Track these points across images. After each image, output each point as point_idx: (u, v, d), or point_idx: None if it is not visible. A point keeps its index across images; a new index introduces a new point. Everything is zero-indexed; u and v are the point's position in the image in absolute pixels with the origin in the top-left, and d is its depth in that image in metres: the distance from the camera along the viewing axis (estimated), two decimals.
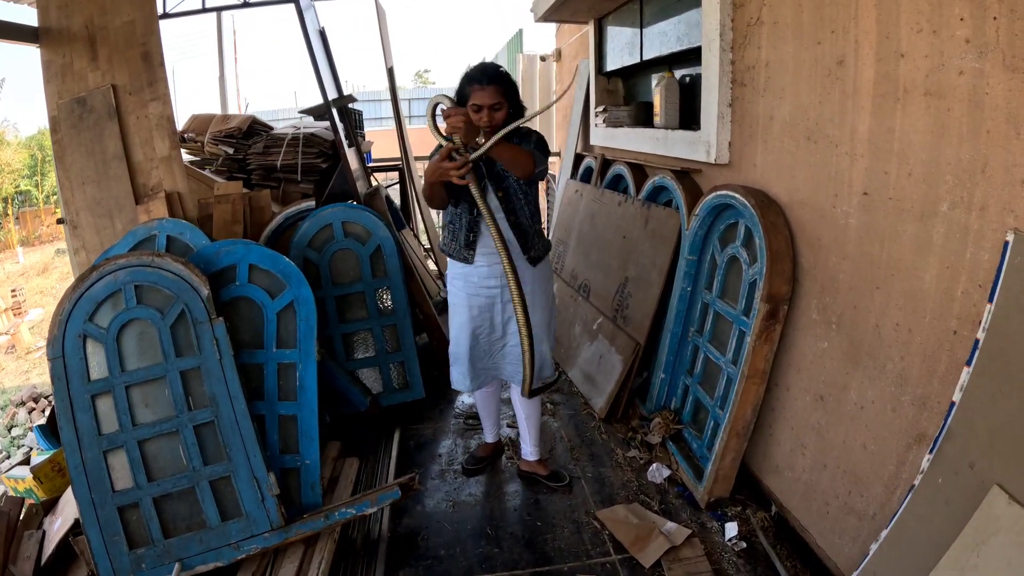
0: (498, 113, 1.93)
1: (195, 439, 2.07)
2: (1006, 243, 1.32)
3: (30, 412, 5.54)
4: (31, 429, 5.18)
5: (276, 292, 2.25)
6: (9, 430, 5.41)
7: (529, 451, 2.46)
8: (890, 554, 1.57)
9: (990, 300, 1.34)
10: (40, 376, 7.22)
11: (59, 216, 2.92)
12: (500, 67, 1.99)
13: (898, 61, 1.59)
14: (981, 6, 1.34)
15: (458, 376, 2.30)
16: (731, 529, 2.17)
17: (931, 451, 1.47)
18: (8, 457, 4.85)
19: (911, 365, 1.64)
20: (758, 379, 2.10)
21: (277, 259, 2.26)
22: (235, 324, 2.22)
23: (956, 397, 1.41)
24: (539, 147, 2.04)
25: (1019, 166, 1.30)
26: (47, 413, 3.25)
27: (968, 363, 1.39)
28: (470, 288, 2.18)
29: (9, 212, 14.90)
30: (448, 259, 2.23)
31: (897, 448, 1.69)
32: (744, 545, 2.10)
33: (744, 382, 2.09)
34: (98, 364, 2.09)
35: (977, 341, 1.37)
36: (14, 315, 8.54)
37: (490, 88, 1.91)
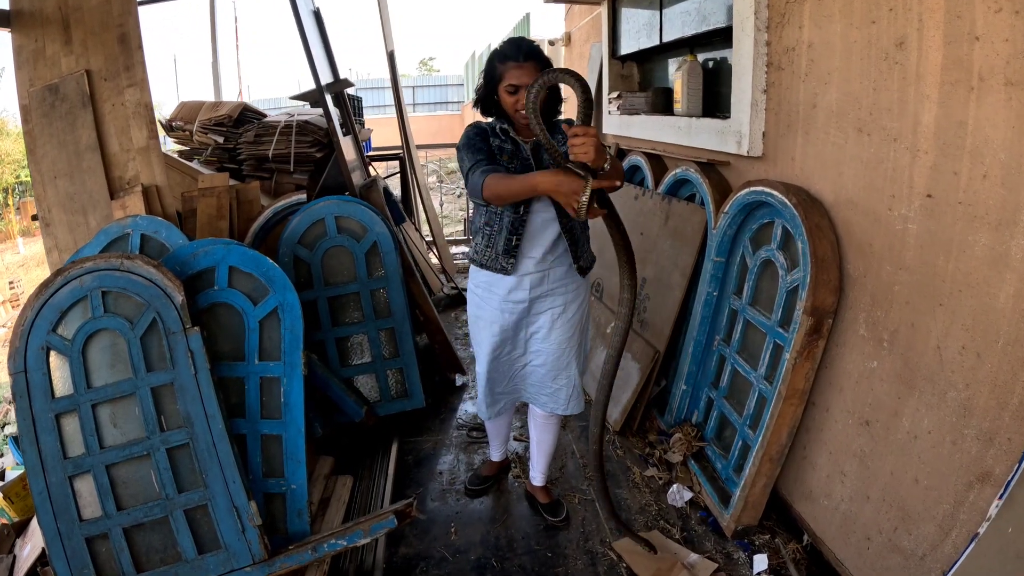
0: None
1: (168, 463, 1.87)
2: None
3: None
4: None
5: (258, 298, 2.04)
6: (2, 427, 5.26)
7: (536, 476, 2.24)
8: None
9: None
10: None
11: (34, 213, 2.72)
12: (533, 41, 1.75)
13: (972, 44, 1.35)
14: None
15: (481, 405, 2.09)
16: (760, 562, 1.97)
17: (1001, 496, 1.28)
18: (1, 456, 4.70)
19: (977, 395, 1.43)
20: (797, 400, 1.88)
21: (260, 261, 2.04)
22: (213, 333, 2.02)
23: None
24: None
25: None
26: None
27: None
28: (495, 301, 1.91)
29: (10, 202, 14.72)
30: (473, 268, 1.98)
31: (955, 486, 1.49)
32: None
33: (781, 403, 1.87)
34: (63, 379, 1.89)
35: None
36: (12, 307, 8.40)
37: (528, 65, 1.68)
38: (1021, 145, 1.27)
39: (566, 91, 1.76)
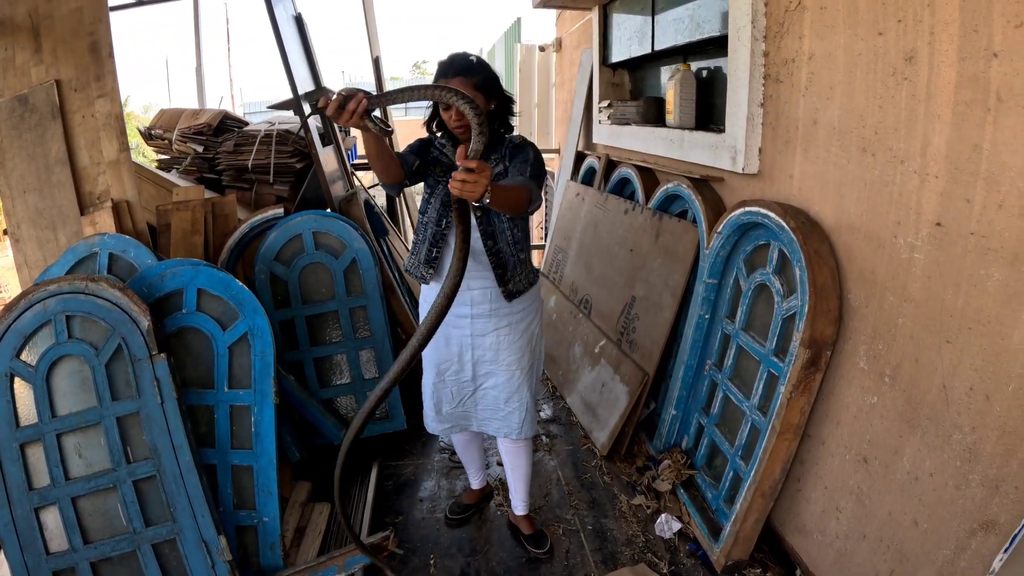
0: None
1: (135, 496, 1.80)
2: None
3: None
4: None
5: (228, 322, 1.95)
6: None
7: (516, 505, 2.16)
8: None
9: None
10: None
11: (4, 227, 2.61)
12: (472, 57, 1.74)
13: (989, 61, 1.25)
14: None
15: (427, 417, 2.06)
16: None
17: (1006, 550, 1.20)
18: None
19: (985, 439, 1.34)
20: (791, 435, 1.79)
21: (229, 283, 1.95)
22: (181, 359, 1.93)
23: None
24: (536, 175, 1.73)
25: None
26: None
27: None
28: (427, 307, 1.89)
29: None
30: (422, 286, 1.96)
31: (957, 532, 1.41)
32: None
33: (775, 437, 1.77)
34: (27, 408, 1.81)
35: None
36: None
37: (456, 81, 1.67)
38: None
39: (565, 69, 1.73)
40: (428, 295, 1.92)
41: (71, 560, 1.77)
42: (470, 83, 1.68)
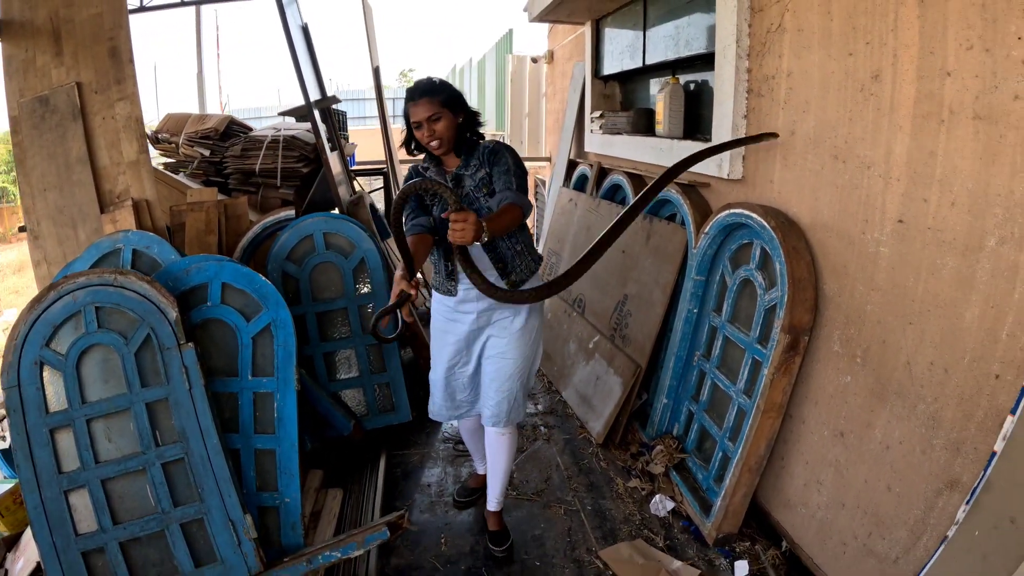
0: (438, 124, 1.82)
1: (163, 478, 1.89)
2: None
3: (2, 420, 5.24)
4: (2, 437, 4.89)
5: (252, 314, 2.07)
6: None
7: (489, 500, 2.20)
8: None
9: None
10: None
11: (22, 224, 2.70)
12: (435, 79, 1.89)
13: (943, 80, 1.45)
14: None
15: (436, 406, 2.16)
16: (741, 568, 2.04)
17: (968, 501, 1.35)
18: None
19: (945, 407, 1.52)
20: (775, 413, 1.97)
21: (253, 278, 2.07)
22: (206, 349, 2.04)
23: (998, 446, 1.29)
24: (520, 183, 1.85)
25: None
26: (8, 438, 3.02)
27: (1013, 411, 1.27)
28: (447, 312, 2.04)
29: None
30: (433, 291, 2.10)
31: (926, 492, 1.58)
32: None
33: (760, 416, 1.95)
34: (57, 394, 1.90)
35: None
36: None
37: (422, 101, 1.82)
38: (987, 175, 1.37)
39: (557, 80, 1.87)
40: (448, 300, 2.02)
41: (100, 540, 1.84)
42: (436, 102, 1.81)
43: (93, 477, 1.86)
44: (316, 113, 3.04)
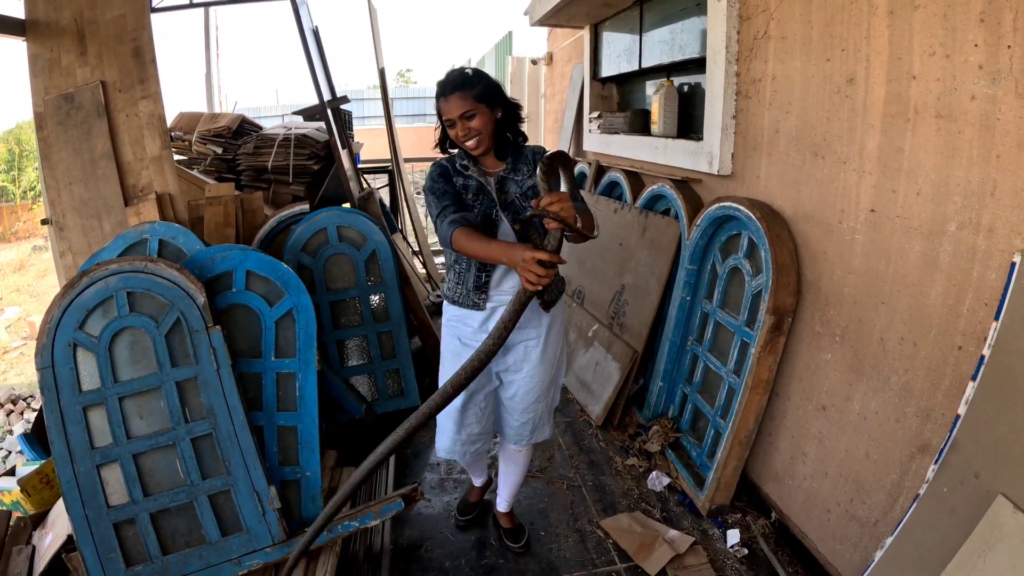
0: (473, 121, 1.66)
1: (192, 452, 2.01)
2: (1013, 264, 1.37)
3: (8, 414, 5.34)
4: (9, 432, 4.99)
5: (274, 300, 2.20)
6: None
7: (500, 503, 2.24)
8: (896, 560, 1.61)
9: (996, 318, 1.38)
10: (18, 377, 6.97)
11: (43, 217, 2.81)
12: (468, 70, 1.71)
13: (910, 83, 1.62)
14: (996, 34, 1.38)
15: (447, 440, 1.96)
16: (733, 536, 2.20)
17: (936, 462, 1.51)
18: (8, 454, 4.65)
19: (915, 378, 1.68)
20: (762, 389, 2.12)
21: (276, 266, 2.20)
22: (232, 332, 2.16)
23: (961, 410, 1.45)
24: (577, 190, 1.63)
25: None
26: (32, 421, 3.13)
27: (973, 378, 1.43)
28: (468, 333, 1.84)
29: None
30: (445, 304, 1.91)
31: (900, 457, 1.73)
32: (746, 552, 2.13)
33: (748, 392, 2.11)
34: (89, 374, 2.01)
35: (983, 357, 1.40)
36: None
37: (454, 97, 1.65)
38: (947, 167, 1.53)
39: (556, 82, 1.86)
40: (464, 317, 1.84)
41: (131, 512, 1.96)
42: (470, 97, 1.64)
43: (125, 452, 1.98)
44: (328, 112, 3.18)
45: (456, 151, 1.79)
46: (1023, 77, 1.34)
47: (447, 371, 1.91)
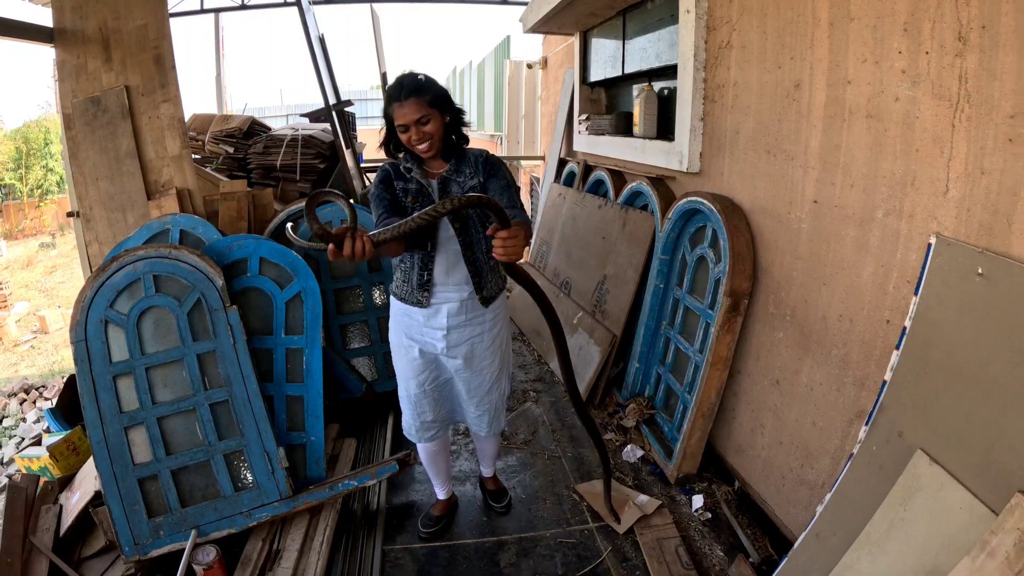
0: (427, 126, 1.70)
1: (211, 416, 2.24)
2: (929, 245, 1.55)
3: (21, 403, 5.62)
4: (23, 419, 5.26)
5: (284, 283, 2.43)
6: (0, 420, 5.48)
7: (484, 469, 2.46)
8: (833, 513, 1.79)
9: (916, 293, 1.57)
10: (29, 368, 7.25)
11: (69, 210, 3.06)
12: (420, 76, 1.74)
13: (845, 87, 1.83)
14: (916, 41, 1.57)
15: (408, 425, 2.11)
16: (697, 501, 2.41)
17: (867, 423, 1.69)
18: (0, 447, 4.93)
19: (852, 351, 1.87)
20: (721, 365, 2.34)
21: (286, 253, 2.44)
22: (246, 312, 2.38)
23: (887, 376, 1.64)
24: (519, 199, 1.80)
25: (942, 180, 1.54)
26: (54, 399, 3.35)
27: (897, 347, 1.62)
28: (414, 327, 1.93)
29: None
30: (392, 299, 1.98)
31: (841, 424, 1.92)
32: (709, 516, 2.34)
33: (709, 368, 2.33)
34: (119, 347, 2.25)
35: (905, 328, 1.60)
36: (0, 309, 8.51)
37: (409, 103, 1.68)
38: (876, 162, 1.74)
39: (551, 85, 2.09)
40: (410, 311, 1.92)
41: (155, 468, 2.19)
42: (423, 102, 1.68)
43: (150, 416, 2.21)
44: (334, 114, 3.42)
45: (402, 154, 1.84)
46: (938, 80, 1.52)
47: (402, 363, 2.01)
